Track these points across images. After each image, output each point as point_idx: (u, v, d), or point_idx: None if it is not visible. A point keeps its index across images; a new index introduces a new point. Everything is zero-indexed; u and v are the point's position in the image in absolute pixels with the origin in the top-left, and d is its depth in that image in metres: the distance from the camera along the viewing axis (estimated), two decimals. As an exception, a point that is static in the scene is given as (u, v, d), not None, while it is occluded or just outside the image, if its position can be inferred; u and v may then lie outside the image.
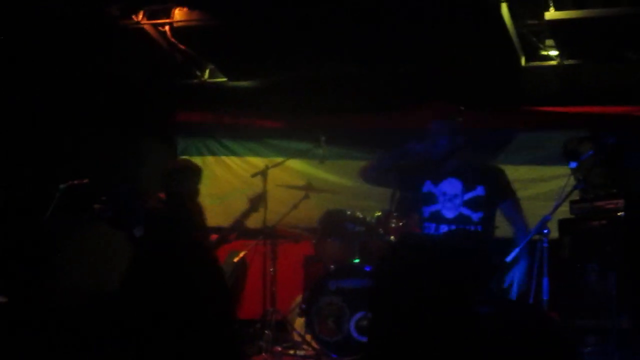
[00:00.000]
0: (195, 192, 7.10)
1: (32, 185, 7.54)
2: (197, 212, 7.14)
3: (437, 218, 5.70)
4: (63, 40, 7.09)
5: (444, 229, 5.65)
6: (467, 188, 5.68)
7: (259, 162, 8.43)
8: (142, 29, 7.03)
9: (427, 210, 5.75)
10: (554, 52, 7.25)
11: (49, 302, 5.82)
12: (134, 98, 8.12)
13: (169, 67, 7.71)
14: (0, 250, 6.45)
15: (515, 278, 5.58)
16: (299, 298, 7.78)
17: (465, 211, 5.65)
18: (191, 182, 7.04)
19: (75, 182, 6.91)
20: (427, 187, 5.78)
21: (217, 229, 7.33)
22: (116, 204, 6.39)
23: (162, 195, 6.87)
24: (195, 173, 7.11)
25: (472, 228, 5.65)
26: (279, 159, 8.04)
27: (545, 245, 5.53)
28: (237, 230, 7.28)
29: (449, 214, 5.68)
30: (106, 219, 6.43)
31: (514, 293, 5.55)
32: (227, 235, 7.23)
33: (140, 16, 6.94)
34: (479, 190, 5.66)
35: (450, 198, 5.70)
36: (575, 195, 6.80)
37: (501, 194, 5.73)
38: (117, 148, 8.27)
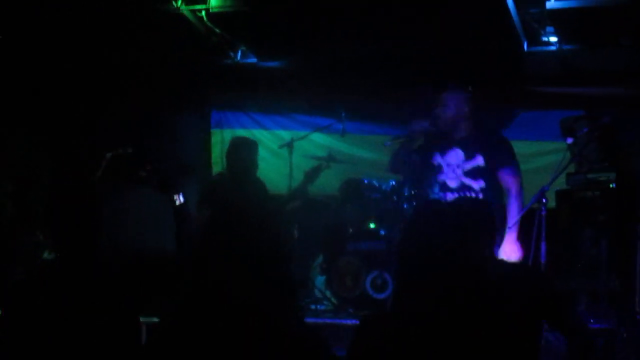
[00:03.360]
0: (253, 165, 7.36)
1: (82, 153, 8.08)
2: (257, 183, 7.38)
3: (444, 187, 5.89)
4: (110, 23, 7.39)
5: (449, 197, 5.81)
6: (467, 157, 5.82)
7: (285, 135, 8.65)
8: (181, 14, 7.30)
9: (436, 181, 5.94)
10: (554, 38, 7.32)
11: (96, 259, 6.38)
12: (173, 77, 8.36)
13: (205, 49, 7.91)
14: (51, 211, 6.98)
15: None
16: (319, 258, 8.02)
17: (467, 180, 5.81)
18: (249, 156, 7.33)
19: (120, 150, 7.39)
20: (436, 158, 5.95)
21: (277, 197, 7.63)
22: (160, 173, 6.97)
23: None
24: (252, 147, 7.39)
25: (474, 196, 5.76)
26: (304, 133, 8.42)
27: (544, 213, 5.70)
28: (296, 200, 7.56)
29: (453, 184, 5.85)
30: (151, 186, 7.01)
31: None
32: (284, 204, 7.50)
33: (179, 2, 7.20)
34: (479, 160, 5.79)
35: (453, 168, 5.85)
36: (572, 169, 6.96)
37: (499, 162, 5.78)
38: (157, 122, 8.60)
